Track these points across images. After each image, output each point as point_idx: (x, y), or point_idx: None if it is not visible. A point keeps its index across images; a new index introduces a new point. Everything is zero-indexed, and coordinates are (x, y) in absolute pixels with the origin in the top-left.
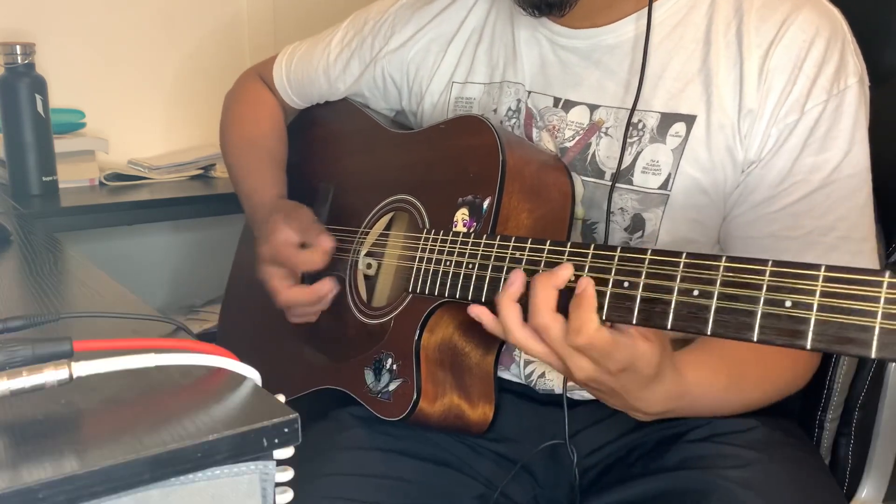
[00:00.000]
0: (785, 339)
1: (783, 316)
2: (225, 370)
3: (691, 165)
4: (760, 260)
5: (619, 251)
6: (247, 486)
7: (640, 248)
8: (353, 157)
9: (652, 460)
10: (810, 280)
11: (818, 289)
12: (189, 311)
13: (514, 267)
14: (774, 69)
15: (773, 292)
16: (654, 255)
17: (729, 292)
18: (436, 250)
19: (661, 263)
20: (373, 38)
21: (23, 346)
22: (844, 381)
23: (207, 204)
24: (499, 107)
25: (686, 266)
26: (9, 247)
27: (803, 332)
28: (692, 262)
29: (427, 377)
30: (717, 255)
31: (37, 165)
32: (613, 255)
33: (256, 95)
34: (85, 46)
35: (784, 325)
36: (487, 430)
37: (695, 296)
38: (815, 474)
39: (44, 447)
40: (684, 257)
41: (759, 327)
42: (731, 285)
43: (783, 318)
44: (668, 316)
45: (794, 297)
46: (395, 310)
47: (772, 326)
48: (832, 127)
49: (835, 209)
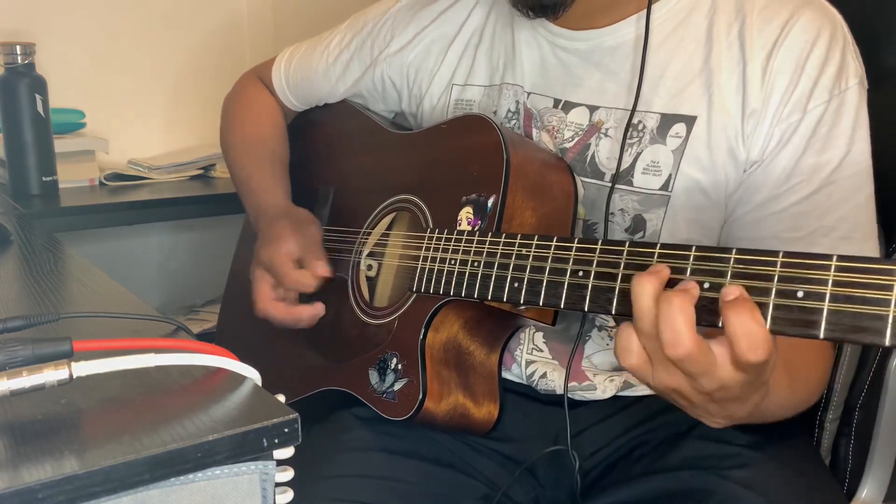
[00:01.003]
0: (798, 329)
1: (795, 307)
2: (225, 370)
3: (692, 166)
4: (771, 251)
5: (627, 245)
6: (247, 486)
7: (648, 243)
8: (354, 157)
9: (654, 460)
10: (822, 270)
11: (830, 278)
12: (189, 311)
13: (521, 264)
14: (777, 70)
15: (785, 283)
16: (662, 249)
17: (740, 284)
18: (440, 249)
19: (671, 257)
20: (372, 41)
21: (23, 346)
22: (844, 381)
23: (207, 204)
24: (498, 109)
25: (696, 259)
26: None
27: (816, 322)
28: (702, 255)
29: (433, 376)
30: (727, 247)
31: (37, 165)
32: (622, 250)
33: (256, 97)
34: (85, 46)
35: (796, 316)
36: (492, 429)
37: (705, 288)
38: (816, 474)
39: (44, 447)
40: (694, 250)
41: (771, 318)
42: (741, 277)
43: (795, 309)
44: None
45: (806, 288)
46: (399, 309)
47: (784, 317)
48: (833, 127)
49: (836, 209)
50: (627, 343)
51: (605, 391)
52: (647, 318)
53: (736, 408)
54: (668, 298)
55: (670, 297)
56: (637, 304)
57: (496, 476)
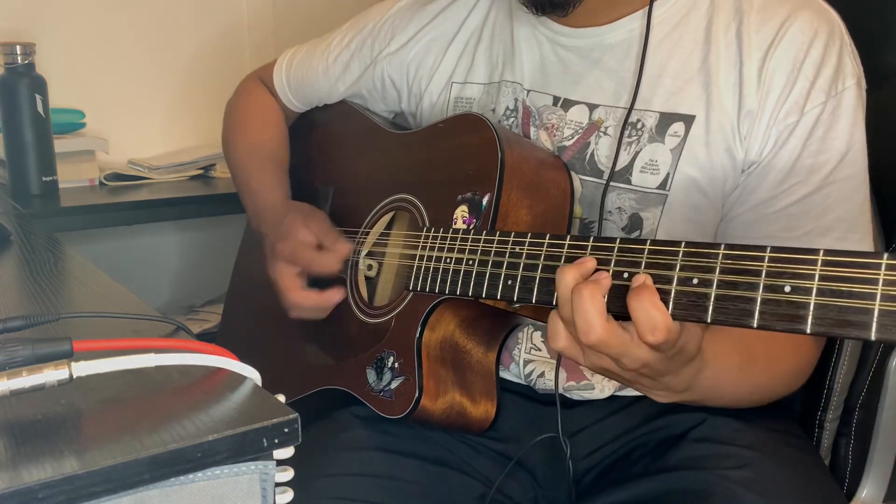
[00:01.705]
0: (785, 324)
1: (783, 301)
2: (225, 370)
3: (690, 165)
4: (759, 246)
5: (618, 242)
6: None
7: (639, 239)
8: (353, 158)
9: (652, 460)
10: (809, 265)
11: (817, 273)
12: (189, 311)
13: (514, 262)
14: (773, 70)
15: (773, 278)
16: (652, 245)
17: (728, 279)
18: (436, 248)
19: (661, 253)
20: (373, 40)
21: (23, 346)
22: (844, 381)
23: (207, 204)
24: (497, 106)
25: (685, 255)
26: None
27: (803, 317)
28: (691, 251)
29: (429, 374)
30: (715, 243)
31: (37, 165)
32: (613, 247)
33: (258, 100)
34: (85, 46)
35: (784, 311)
36: (490, 427)
37: (694, 284)
38: (815, 474)
39: (44, 447)
40: (683, 246)
41: (758, 313)
42: (730, 272)
43: (783, 304)
44: (667, 305)
45: (793, 283)
46: (396, 308)
47: (771, 312)
48: (830, 128)
49: (833, 210)
50: (555, 328)
51: (603, 390)
52: (566, 307)
53: (670, 380)
54: (579, 289)
55: (581, 287)
56: (558, 292)
57: (494, 476)
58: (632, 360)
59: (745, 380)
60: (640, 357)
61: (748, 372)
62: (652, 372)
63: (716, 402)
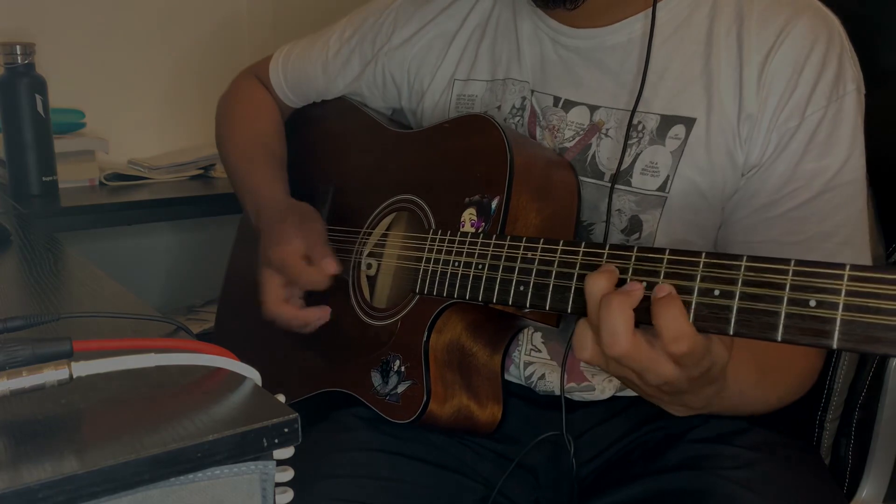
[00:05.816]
0: (810, 338)
1: (807, 316)
2: (225, 370)
3: (690, 168)
4: (782, 259)
5: (635, 251)
6: (247, 486)
7: (657, 248)
8: (354, 156)
9: (653, 461)
10: (835, 279)
11: (843, 287)
12: (189, 311)
13: (526, 268)
14: (773, 74)
15: (797, 291)
16: (672, 255)
17: (751, 292)
18: (444, 251)
19: (680, 263)
20: (374, 35)
21: (23, 346)
22: (844, 381)
23: (207, 204)
24: (502, 104)
25: (706, 266)
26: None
27: (829, 332)
28: (712, 262)
29: (436, 379)
30: (737, 254)
31: (37, 165)
32: (630, 255)
33: (253, 94)
34: (85, 46)
35: (809, 325)
36: (496, 429)
37: (716, 296)
38: (815, 474)
39: (44, 447)
40: (704, 257)
41: (783, 327)
42: (753, 285)
43: (807, 318)
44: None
45: (818, 297)
46: (402, 311)
47: (796, 326)
48: (832, 133)
49: (835, 214)
50: (583, 338)
51: (604, 391)
52: (594, 317)
53: (689, 399)
54: (608, 299)
55: (610, 298)
56: (587, 300)
57: (495, 478)
58: (655, 376)
59: (760, 395)
60: (663, 374)
61: (763, 387)
62: (672, 389)
63: (731, 414)
